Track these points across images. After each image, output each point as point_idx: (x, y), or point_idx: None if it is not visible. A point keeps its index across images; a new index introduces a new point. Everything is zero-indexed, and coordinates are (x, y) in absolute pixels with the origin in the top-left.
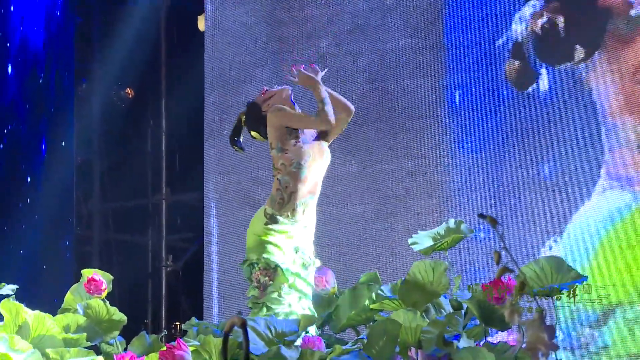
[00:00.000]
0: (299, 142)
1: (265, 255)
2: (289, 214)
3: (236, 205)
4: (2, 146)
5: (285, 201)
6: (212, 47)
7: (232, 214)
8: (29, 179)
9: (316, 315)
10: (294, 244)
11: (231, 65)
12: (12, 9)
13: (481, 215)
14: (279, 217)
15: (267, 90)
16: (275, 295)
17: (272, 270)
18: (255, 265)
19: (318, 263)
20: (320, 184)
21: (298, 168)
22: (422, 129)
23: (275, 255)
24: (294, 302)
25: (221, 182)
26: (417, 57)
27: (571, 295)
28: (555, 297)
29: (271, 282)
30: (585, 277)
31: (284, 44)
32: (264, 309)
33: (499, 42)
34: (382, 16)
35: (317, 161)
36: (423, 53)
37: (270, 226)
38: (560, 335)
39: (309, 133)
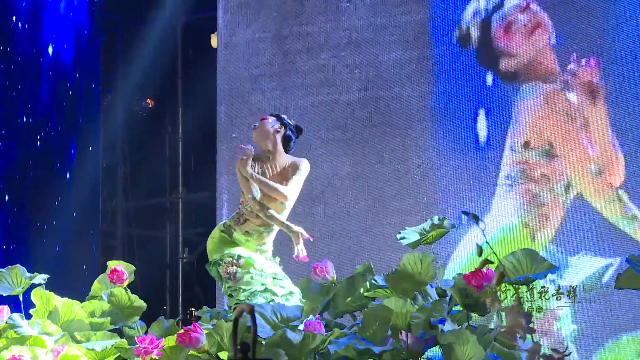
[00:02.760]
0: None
1: (226, 251)
2: (244, 232)
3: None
4: (36, 150)
5: (241, 222)
6: (223, 62)
7: None
8: (60, 181)
9: (299, 292)
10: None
11: (240, 77)
12: (44, 27)
13: (465, 213)
14: (234, 231)
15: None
16: (247, 277)
17: (237, 259)
18: (220, 262)
19: (277, 259)
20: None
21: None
22: (409, 134)
23: (234, 249)
24: (269, 283)
25: (231, 182)
26: (406, 68)
27: (571, 295)
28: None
29: (239, 268)
30: (557, 268)
31: (287, 57)
32: (240, 291)
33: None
34: (374, 32)
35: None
36: (411, 64)
37: (224, 234)
38: None
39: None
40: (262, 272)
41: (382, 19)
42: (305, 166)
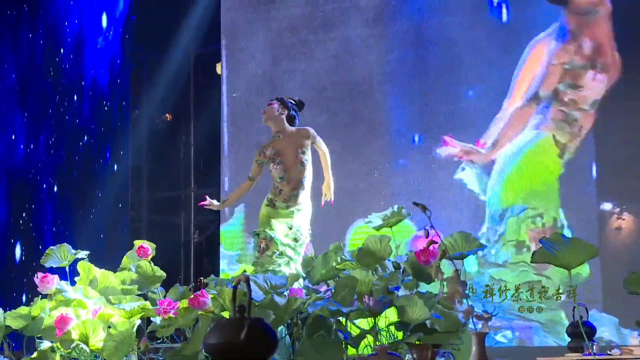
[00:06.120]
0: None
1: (266, 230)
2: (283, 200)
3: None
4: (79, 153)
5: (278, 193)
6: (227, 85)
7: (239, 203)
8: (98, 178)
9: (302, 274)
10: (288, 222)
11: (240, 98)
12: (85, 58)
13: (415, 204)
14: (276, 202)
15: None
16: (267, 258)
17: (269, 240)
18: (259, 235)
19: (308, 239)
20: (302, 181)
21: (279, 180)
22: (371, 91)
23: (272, 229)
24: (283, 264)
25: (232, 179)
26: (369, 41)
27: (571, 295)
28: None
29: (267, 248)
30: (485, 246)
31: (274, 34)
32: (259, 267)
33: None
34: (343, 13)
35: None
36: (373, 39)
37: (269, 207)
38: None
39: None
40: (282, 255)
41: (348, 3)
42: (313, 131)
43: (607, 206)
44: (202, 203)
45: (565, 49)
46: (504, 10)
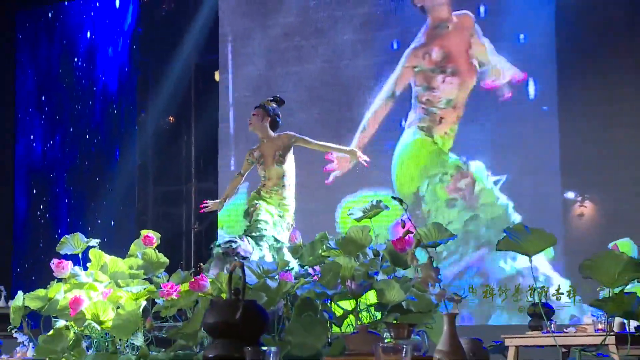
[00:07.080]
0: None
1: (254, 201)
2: (267, 191)
3: (238, 192)
4: (91, 152)
5: (263, 186)
6: (223, 91)
7: (235, 197)
8: (108, 174)
9: (276, 256)
10: (274, 211)
11: (236, 102)
12: (97, 66)
13: (393, 197)
14: (262, 191)
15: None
16: (254, 222)
17: (256, 207)
18: (250, 209)
19: (292, 228)
20: (282, 179)
21: (263, 178)
22: (358, 90)
23: (260, 214)
24: (269, 228)
25: (228, 175)
26: (356, 46)
27: (571, 295)
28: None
29: (254, 212)
30: (455, 236)
31: (270, 41)
32: (246, 231)
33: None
34: (333, 20)
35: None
36: (360, 44)
37: (257, 194)
38: None
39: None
40: (270, 225)
41: (338, 12)
42: (292, 134)
43: (570, 195)
44: (203, 207)
45: (415, 54)
46: (482, 10)
